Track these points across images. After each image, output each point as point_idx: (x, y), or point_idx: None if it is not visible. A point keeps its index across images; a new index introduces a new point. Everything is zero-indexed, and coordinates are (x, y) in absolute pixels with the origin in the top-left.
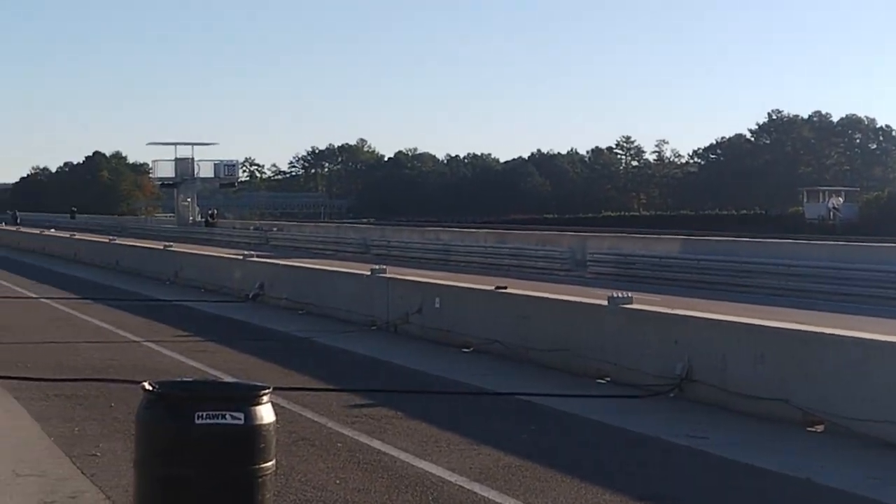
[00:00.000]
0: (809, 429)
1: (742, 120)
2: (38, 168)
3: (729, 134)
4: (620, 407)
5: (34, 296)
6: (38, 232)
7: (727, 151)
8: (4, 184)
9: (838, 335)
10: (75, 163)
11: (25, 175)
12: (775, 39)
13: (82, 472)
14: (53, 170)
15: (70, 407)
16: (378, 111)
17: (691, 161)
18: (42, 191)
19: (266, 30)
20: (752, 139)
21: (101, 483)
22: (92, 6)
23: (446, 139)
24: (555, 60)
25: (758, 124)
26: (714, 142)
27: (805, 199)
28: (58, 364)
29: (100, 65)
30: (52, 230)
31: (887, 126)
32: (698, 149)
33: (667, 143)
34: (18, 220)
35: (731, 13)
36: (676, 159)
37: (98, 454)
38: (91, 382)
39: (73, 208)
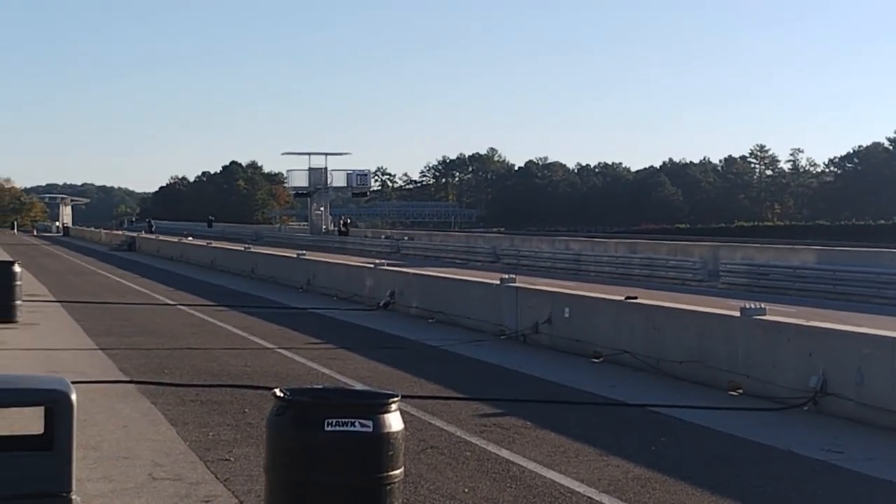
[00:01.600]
0: None
1: (880, 127)
2: (176, 178)
3: (866, 142)
4: (753, 420)
5: (171, 302)
6: (177, 240)
7: (864, 160)
8: (145, 193)
9: None
10: (212, 172)
11: (164, 184)
12: None
13: (216, 477)
14: (191, 179)
15: (205, 412)
16: (508, 120)
17: (827, 170)
18: (180, 200)
19: (398, 39)
20: (891, 147)
21: (234, 488)
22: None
23: (577, 148)
24: (687, 68)
25: None
26: (851, 150)
27: None
28: (194, 370)
29: (236, 76)
30: (190, 238)
31: None
32: (834, 157)
33: (802, 151)
34: (153, 228)
35: (865, 19)
36: (812, 168)
37: (231, 459)
38: (226, 388)
39: (210, 217)
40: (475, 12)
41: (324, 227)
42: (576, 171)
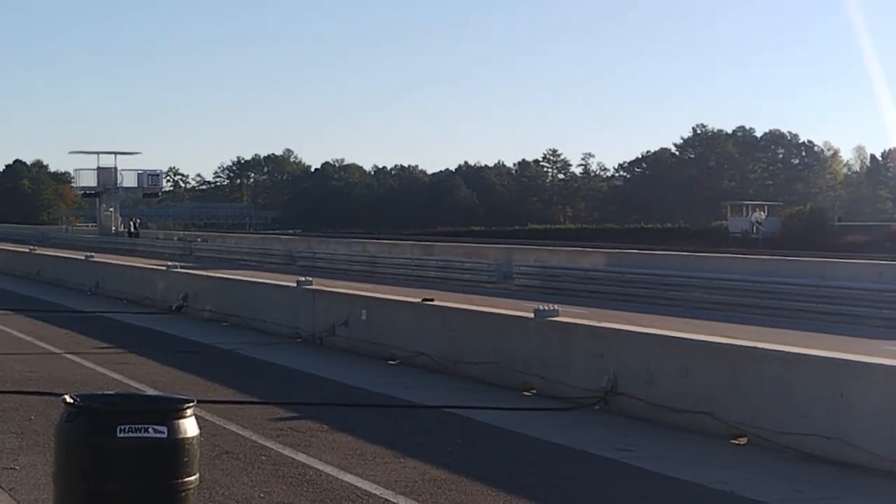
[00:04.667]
0: (734, 441)
1: (667, 134)
2: None
3: (654, 148)
4: (547, 420)
5: None
6: None
7: (652, 165)
8: None
9: (761, 348)
10: None
11: None
12: (700, 54)
13: (0, 487)
14: None
15: None
16: (304, 121)
17: (617, 174)
18: None
19: (191, 36)
20: (677, 153)
21: (21, 497)
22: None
23: (373, 150)
24: (481, 72)
25: (682, 138)
26: (639, 155)
27: (729, 213)
28: None
29: (30, 70)
30: None
31: (809, 142)
32: (624, 162)
33: (593, 156)
34: None
35: (656, 27)
36: (602, 173)
37: (17, 468)
38: (9, 395)
39: None
40: (273, 9)
41: (113, 228)
42: (372, 173)
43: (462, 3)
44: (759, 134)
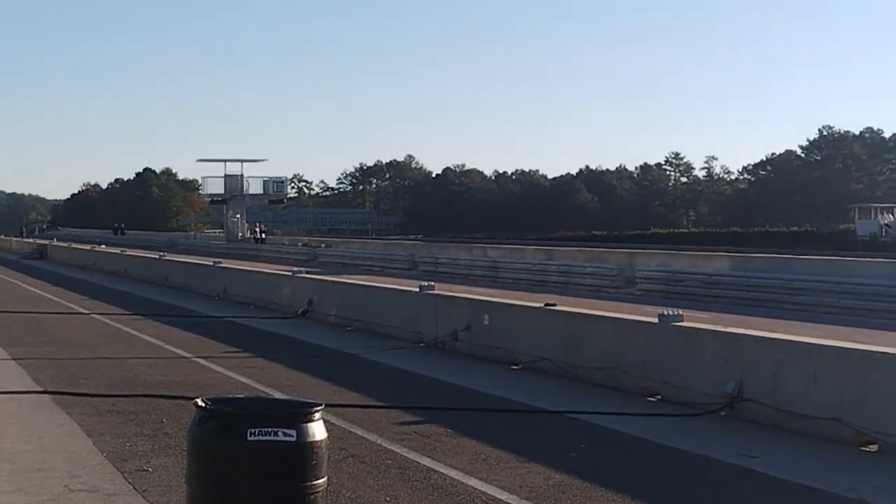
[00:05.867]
0: (863, 448)
1: (792, 136)
2: (88, 184)
3: (779, 150)
4: (670, 425)
5: (85, 311)
6: (89, 248)
7: (777, 168)
8: (56, 200)
9: (892, 353)
10: (126, 179)
11: (76, 191)
12: (827, 55)
13: (134, 489)
14: (104, 186)
15: (121, 423)
16: (426, 127)
17: (741, 177)
18: (93, 207)
19: (314, 47)
20: (803, 155)
21: (153, 499)
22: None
23: (494, 155)
24: (605, 75)
25: (808, 140)
26: (764, 158)
27: (856, 216)
28: (109, 380)
29: (150, 83)
30: (102, 246)
31: None
32: (748, 165)
33: (716, 159)
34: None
35: (782, 29)
36: (726, 175)
37: (149, 470)
38: (142, 398)
39: (115, 224)
40: (389, 19)
41: (240, 234)
42: (493, 178)
43: (586, 7)
44: (887, 135)
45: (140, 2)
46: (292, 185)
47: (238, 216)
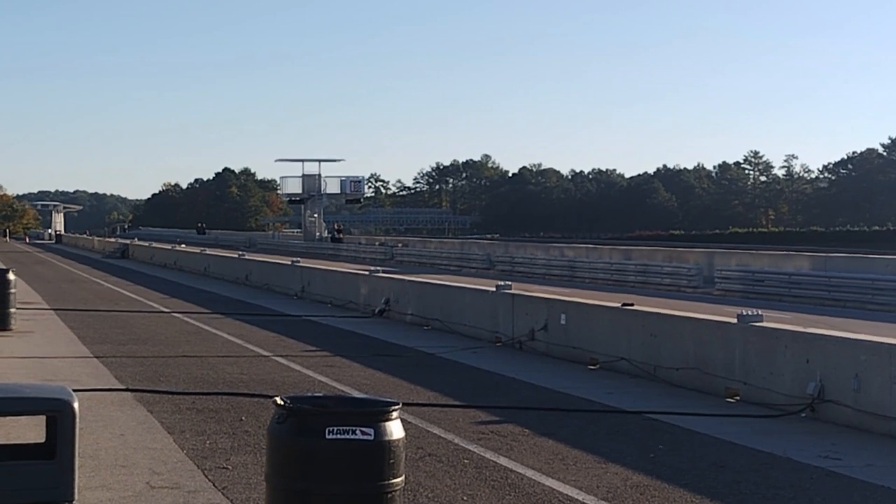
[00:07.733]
0: None
1: (873, 134)
2: (169, 184)
3: (860, 148)
4: (751, 427)
5: (166, 310)
6: (170, 247)
7: (859, 166)
8: (137, 200)
9: None
10: (205, 179)
11: (157, 192)
12: None
13: (214, 485)
14: (184, 186)
15: (202, 420)
16: (502, 127)
17: (821, 176)
18: (173, 207)
19: (392, 48)
20: (885, 153)
21: (233, 496)
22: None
23: (571, 154)
24: (681, 75)
25: (890, 138)
26: (845, 156)
27: None
28: (189, 377)
29: (228, 82)
30: (183, 245)
31: None
32: (829, 163)
33: (796, 157)
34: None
35: (861, 27)
36: (806, 174)
37: (229, 467)
38: (222, 396)
39: (199, 224)
40: (468, 19)
41: (318, 233)
42: (569, 177)
43: (664, 11)
44: None
45: (220, 2)
46: (369, 184)
47: (316, 215)
